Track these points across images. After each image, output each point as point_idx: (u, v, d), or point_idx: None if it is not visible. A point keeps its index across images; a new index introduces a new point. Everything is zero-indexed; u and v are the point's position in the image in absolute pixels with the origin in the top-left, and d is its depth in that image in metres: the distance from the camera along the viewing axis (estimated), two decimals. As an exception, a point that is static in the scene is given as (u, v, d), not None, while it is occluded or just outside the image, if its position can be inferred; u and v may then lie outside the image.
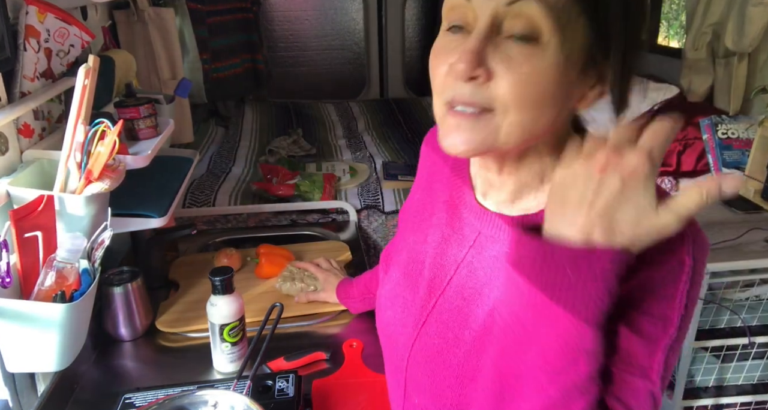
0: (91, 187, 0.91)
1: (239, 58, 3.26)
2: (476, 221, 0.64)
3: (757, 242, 1.59)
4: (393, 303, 0.72)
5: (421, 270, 0.70)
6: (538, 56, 0.49)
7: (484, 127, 0.51)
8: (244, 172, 2.27)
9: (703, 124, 2.07)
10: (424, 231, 0.72)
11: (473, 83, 0.50)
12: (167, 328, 1.23)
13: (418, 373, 0.67)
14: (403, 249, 0.75)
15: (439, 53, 0.54)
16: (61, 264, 0.85)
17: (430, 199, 0.73)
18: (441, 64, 0.53)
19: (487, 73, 0.49)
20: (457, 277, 0.65)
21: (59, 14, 1.04)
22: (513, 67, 0.49)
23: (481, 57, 0.49)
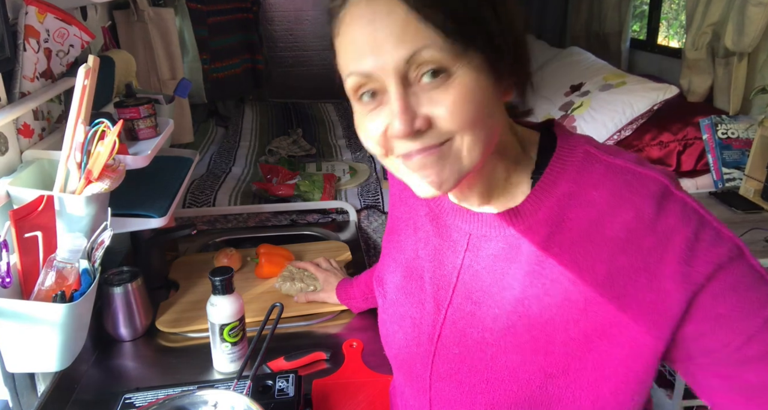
0: (91, 187, 0.91)
1: (239, 58, 3.26)
2: (463, 224, 0.66)
3: (757, 242, 1.59)
4: (401, 326, 0.72)
5: (422, 286, 0.70)
6: (455, 84, 0.52)
7: (446, 156, 0.54)
8: (244, 172, 2.27)
9: (703, 124, 2.07)
10: (413, 247, 0.72)
11: (419, 134, 0.53)
12: (167, 328, 1.23)
13: (445, 387, 0.67)
14: (396, 270, 0.75)
15: (365, 124, 0.56)
16: (61, 264, 0.85)
17: (409, 216, 0.74)
18: (372, 131, 0.55)
19: (425, 120, 0.52)
20: (461, 283, 0.66)
21: (59, 14, 1.04)
22: (442, 103, 0.52)
23: (412, 111, 0.52)
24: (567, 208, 0.59)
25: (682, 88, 2.26)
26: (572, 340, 0.58)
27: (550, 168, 0.60)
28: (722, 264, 0.52)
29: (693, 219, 0.53)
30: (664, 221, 0.54)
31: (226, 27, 3.14)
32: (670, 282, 0.53)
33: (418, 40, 0.50)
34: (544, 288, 0.59)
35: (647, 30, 2.85)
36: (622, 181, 0.56)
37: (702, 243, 0.53)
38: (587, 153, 0.60)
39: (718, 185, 2.04)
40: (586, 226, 0.57)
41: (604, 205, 0.57)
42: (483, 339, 0.63)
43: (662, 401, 1.68)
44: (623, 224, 0.55)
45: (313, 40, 3.73)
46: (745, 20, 1.91)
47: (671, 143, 2.07)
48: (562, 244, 0.59)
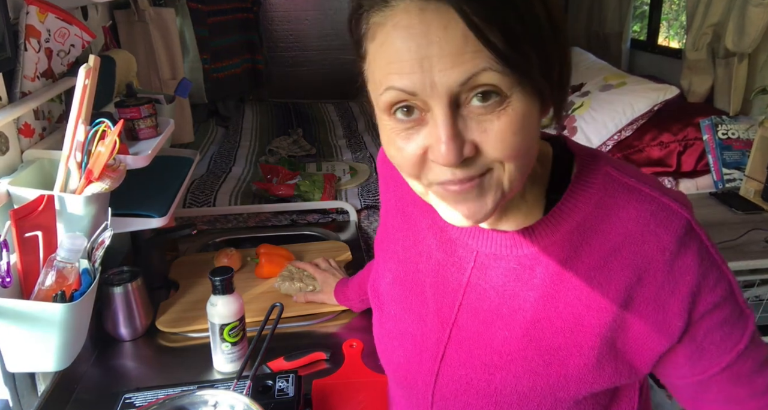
0: (91, 186, 0.91)
1: (239, 58, 3.26)
2: (471, 240, 0.63)
3: (757, 242, 1.59)
4: (401, 342, 0.69)
5: (424, 302, 0.67)
6: (508, 110, 0.47)
7: (488, 187, 0.50)
8: (244, 172, 2.27)
9: (703, 125, 2.07)
10: (412, 261, 0.69)
11: (465, 163, 0.48)
12: (167, 328, 1.23)
13: (449, 407, 0.65)
14: (394, 282, 0.71)
15: (398, 142, 0.50)
16: (62, 264, 0.85)
17: (408, 226, 0.70)
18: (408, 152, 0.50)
19: (472, 146, 0.48)
20: (466, 302, 0.63)
21: (60, 14, 1.04)
22: (492, 130, 0.47)
23: (461, 138, 0.47)
24: (587, 234, 0.57)
25: (682, 89, 2.26)
26: (585, 365, 0.58)
27: (570, 190, 0.58)
28: (717, 304, 0.56)
29: (706, 261, 0.55)
30: (683, 259, 0.55)
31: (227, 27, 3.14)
32: (674, 315, 0.56)
33: (478, 62, 0.44)
34: (558, 311, 0.58)
35: (648, 30, 2.85)
36: (648, 212, 0.56)
37: (708, 282, 0.56)
38: (608, 175, 0.58)
39: (718, 186, 2.04)
40: (606, 253, 0.57)
41: (627, 233, 0.56)
42: (491, 362, 0.61)
43: (663, 401, 1.68)
44: (645, 255, 0.56)
45: (314, 40, 3.73)
46: (745, 21, 1.91)
47: (671, 144, 2.07)
48: (579, 269, 0.58)
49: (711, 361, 0.58)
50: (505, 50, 0.44)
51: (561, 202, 0.58)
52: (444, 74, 0.45)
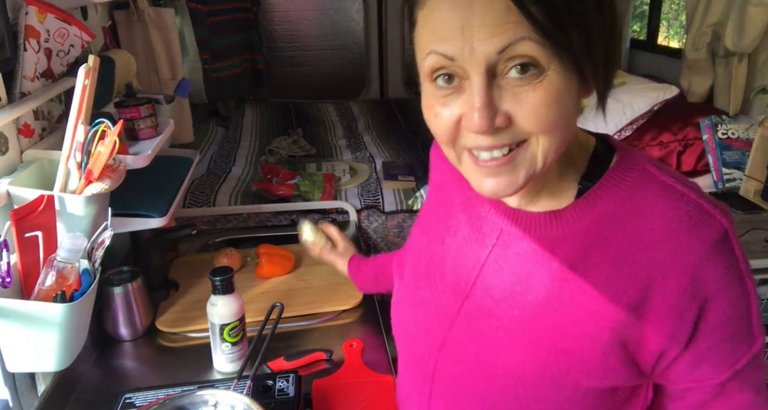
0: (91, 187, 0.91)
1: (239, 58, 3.26)
2: (497, 218, 0.63)
3: (757, 242, 1.59)
4: (414, 311, 0.71)
5: (441, 273, 0.68)
6: (543, 83, 0.49)
7: (522, 160, 0.52)
8: (244, 172, 2.27)
9: (703, 125, 2.07)
10: (440, 234, 0.70)
11: (497, 132, 0.50)
12: (167, 328, 1.23)
13: (448, 377, 0.66)
14: (419, 255, 0.73)
15: (436, 108, 0.53)
16: (62, 264, 0.85)
17: (444, 203, 0.73)
18: (444, 118, 0.52)
19: (505, 117, 0.49)
20: (482, 278, 0.64)
21: (59, 14, 1.04)
22: (526, 101, 0.49)
23: (494, 106, 0.49)
24: (613, 225, 0.57)
25: (682, 89, 2.26)
26: (591, 357, 0.57)
27: (604, 179, 0.58)
28: (731, 318, 0.54)
29: (733, 274, 0.54)
30: (710, 267, 0.53)
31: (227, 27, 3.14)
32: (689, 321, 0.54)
33: (517, 31, 0.46)
34: (571, 297, 0.58)
35: (647, 30, 2.85)
36: (684, 211, 0.54)
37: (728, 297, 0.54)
38: (645, 171, 0.57)
39: (718, 185, 2.04)
40: (631, 247, 0.55)
41: (656, 229, 0.55)
42: (497, 338, 0.61)
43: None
44: (672, 255, 0.54)
45: (314, 40, 3.73)
46: (745, 20, 1.91)
47: (671, 143, 2.07)
48: (599, 259, 0.57)
49: (706, 376, 0.56)
50: (546, 22, 0.46)
51: (593, 189, 0.58)
52: (483, 42, 0.47)
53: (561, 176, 0.60)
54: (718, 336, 0.55)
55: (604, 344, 0.56)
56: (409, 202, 1.98)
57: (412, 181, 2.14)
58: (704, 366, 0.56)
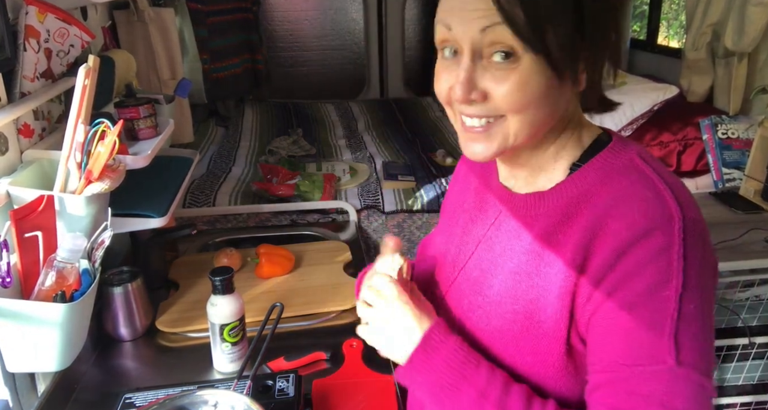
0: (91, 187, 0.91)
1: (239, 58, 3.26)
2: (498, 201, 0.71)
3: (757, 242, 1.59)
4: (426, 280, 0.79)
5: (448, 249, 0.77)
6: (517, 70, 0.56)
7: (495, 133, 0.60)
8: (244, 172, 2.27)
9: (703, 124, 2.07)
10: (456, 217, 0.79)
11: (473, 103, 0.59)
12: (167, 328, 1.23)
13: None
14: (439, 235, 0.83)
15: (440, 75, 0.63)
16: (62, 264, 0.85)
17: (465, 188, 0.81)
18: (442, 84, 0.62)
19: (481, 94, 0.58)
20: (477, 252, 0.72)
21: (59, 14, 1.04)
22: (499, 83, 0.57)
23: (471, 83, 0.58)
24: (585, 204, 0.61)
25: (682, 88, 2.26)
26: (546, 321, 0.62)
27: (589, 164, 0.63)
28: (636, 306, 0.55)
29: (659, 268, 0.54)
30: (637, 248, 0.55)
31: (226, 27, 3.14)
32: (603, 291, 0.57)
33: (495, 18, 0.55)
34: (538, 269, 0.63)
35: (647, 30, 2.85)
36: (641, 196, 0.58)
37: (639, 284, 0.55)
38: (631, 161, 0.62)
39: (718, 185, 2.04)
40: (592, 225, 0.59)
41: (613, 208, 0.59)
42: (476, 302, 0.68)
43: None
44: (616, 228, 0.57)
45: (313, 40, 3.73)
46: (745, 20, 1.91)
47: (671, 143, 2.07)
48: (566, 235, 0.61)
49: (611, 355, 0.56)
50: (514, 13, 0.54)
51: (577, 172, 0.64)
52: (469, 22, 0.56)
53: (556, 159, 0.66)
54: (620, 318, 0.56)
55: (554, 310, 0.61)
56: (409, 202, 1.98)
57: (412, 181, 2.14)
58: (606, 346, 0.57)
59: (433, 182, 2.11)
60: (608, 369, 0.56)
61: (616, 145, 0.64)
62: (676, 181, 0.60)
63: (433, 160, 2.42)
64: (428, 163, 2.37)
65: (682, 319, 0.54)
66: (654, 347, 0.54)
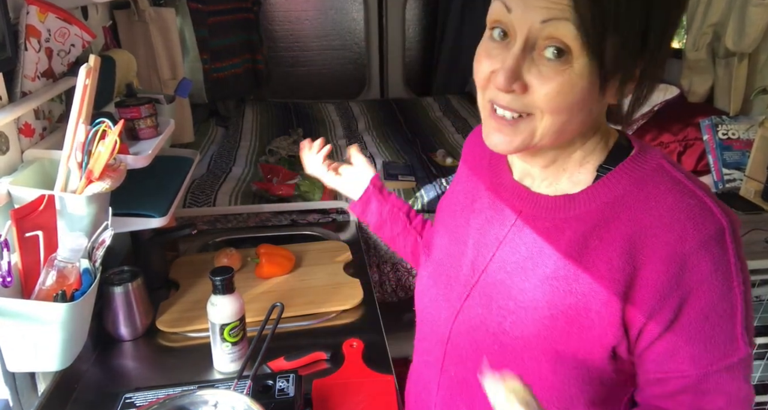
0: (91, 186, 0.91)
1: (239, 58, 3.26)
2: (517, 201, 0.69)
3: (757, 243, 1.59)
4: (436, 282, 0.77)
5: (464, 251, 0.75)
6: (567, 71, 0.54)
7: (522, 129, 0.59)
8: (245, 172, 2.27)
9: (704, 125, 2.07)
10: (466, 216, 0.77)
11: (511, 94, 0.57)
12: (167, 328, 1.23)
13: (461, 344, 0.72)
14: (445, 234, 0.80)
15: (482, 57, 0.60)
16: (62, 264, 0.85)
17: (472, 187, 0.79)
18: (484, 67, 0.59)
19: (522, 86, 0.56)
20: (499, 254, 0.70)
21: (60, 14, 1.04)
22: (545, 81, 0.55)
23: (517, 73, 0.56)
24: (620, 209, 0.61)
25: (682, 89, 2.26)
26: (589, 328, 0.61)
27: (620, 168, 0.63)
28: (709, 317, 0.58)
29: (721, 274, 0.57)
30: (698, 261, 0.57)
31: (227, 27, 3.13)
32: (669, 309, 0.59)
33: (564, 13, 0.52)
34: (576, 274, 0.62)
35: (648, 30, 2.84)
36: (686, 204, 0.58)
37: (710, 294, 0.58)
38: (660, 166, 0.62)
39: (718, 186, 2.04)
40: (634, 231, 0.60)
41: (657, 217, 0.59)
42: (506, 307, 0.67)
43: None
44: (667, 243, 0.58)
45: (314, 40, 3.73)
46: (745, 21, 1.91)
47: (672, 144, 2.07)
48: (604, 240, 0.61)
49: (680, 366, 0.60)
50: (589, 16, 0.52)
51: (607, 175, 0.63)
52: (534, 9, 0.53)
53: (581, 163, 0.65)
54: (695, 330, 0.58)
55: (600, 317, 0.61)
56: (409, 202, 1.98)
57: (412, 181, 2.14)
58: (679, 357, 0.59)
59: (433, 182, 2.11)
60: (694, 372, 0.59)
61: (642, 149, 0.64)
62: (706, 186, 0.62)
63: (434, 160, 2.42)
64: (428, 163, 2.37)
65: (747, 311, 0.59)
66: (732, 343, 0.58)
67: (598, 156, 0.65)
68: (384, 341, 1.18)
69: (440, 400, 0.77)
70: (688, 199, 0.58)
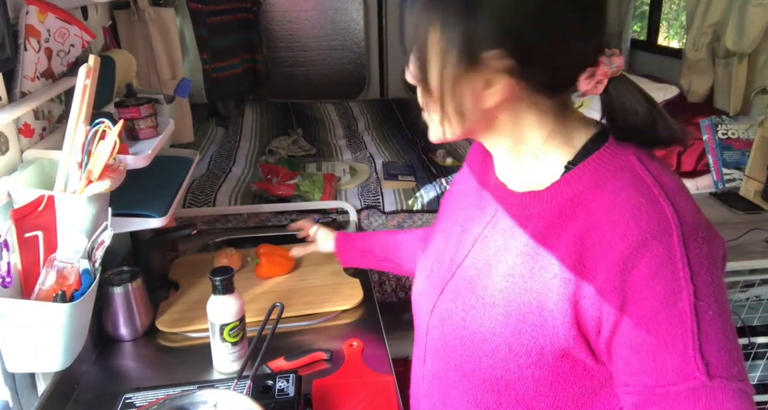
0: (91, 187, 0.91)
1: (239, 58, 3.26)
2: (496, 199, 0.71)
3: (757, 242, 1.60)
4: (421, 277, 0.81)
5: (448, 247, 0.76)
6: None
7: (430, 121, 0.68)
8: (244, 172, 2.27)
9: (703, 125, 2.07)
10: (457, 214, 0.79)
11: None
12: (167, 328, 1.23)
13: (435, 337, 0.74)
14: (439, 232, 0.82)
15: None
16: (62, 264, 0.85)
17: (466, 186, 0.80)
18: None
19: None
20: (474, 251, 0.71)
21: (60, 14, 1.04)
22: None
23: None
24: (577, 206, 0.60)
25: (682, 89, 2.26)
26: (541, 326, 0.60)
27: (585, 164, 0.62)
28: (649, 327, 0.52)
29: (663, 278, 0.52)
30: (638, 261, 0.53)
31: (227, 27, 3.14)
32: (612, 312, 0.55)
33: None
34: (531, 271, 0.62)
35: (648, 30, 2.85)
36: (634, 202, 0.55)
37: (649, 300, 0.52)
38: (627, 162, 0.60)
39: (718, 186, 2.04)
40: (585, 229, 0.58)
41: (611, 214, 0.56)
42: (469, 302, 0.68)
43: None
44: (612, 239, 0.55)
45: (313, 40, 3.73)
46: (745, 21, 1.91)
47: (671, 143, 2.07)
48: (560, 238, 0.60)
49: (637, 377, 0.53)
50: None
51: (571, 171, 0.62)
52: None
53: (550, 158, 0.64)
54: (636, 340, 0.53)
55: (552, 317, 0.59)
56: (409, 202, 1.98)
57: (412, 181, 2.14)
58: (630, 368, 0.54)
59: (433, 182, 2.11)
60: (641, 391, 0.53)
61: (613, 145, 0.62)
62: (674, 183, 0.58)
63: (433, 160, 2.42)
64: (428, 163, 2.37)
65: (702, 330, 0.50)
66: (681, 364, 0.50)
67: (569, 150, 0.63)
68: (384, 341, 1.18)
69: (424, 393, 0.79)
70: (639, 197, 0.55)
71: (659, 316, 0.52)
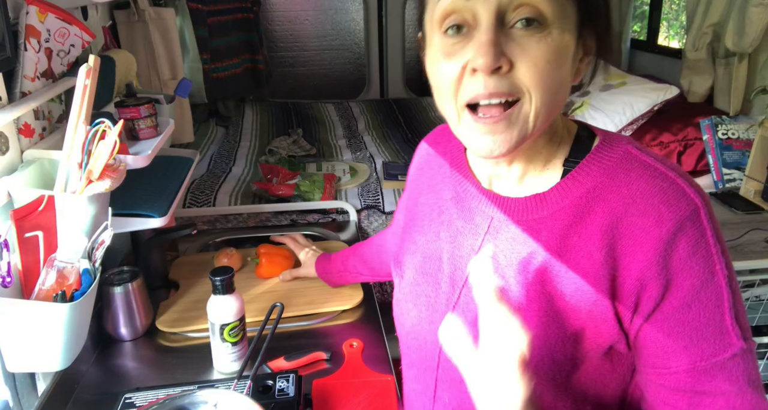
0: (91, 186, 0.91)
1: (239, 58, 3.26)
2: (487, 208, 0.66)
3: (757, 242, 1.59)
4: (416, 304, 0.73)
5: (439, 267, 0.70)
6: (547, 39, 0.52)
7: (515, 119, 0.54)
8: (244, 172, 2.27)
9: (704, 125, 2.07)
10: (434, 230, 0.73)
11: (496, 75, 0.52)
12: (167, 328, 1.23)
13: (451, 368, 0.66)
14: (416, 252, 0.75)
15: (442, 58, 0.55)
16: (62, 264, 0.85)
17: (435, 199, 0.74)
18: (450, 67, 0.54)
19: (508, 62, 0.52)
20: None
21: (60, 14, 1.04)
22: (529, 53, 0.52)
23: (499, 47, 0.51)
24: (594, 201, 0.59)
25: (682, 89, 2.26)
26: (578, 330, 0.59)
27: (586, 160, 0.61)
28: (692, 306, 0.55)
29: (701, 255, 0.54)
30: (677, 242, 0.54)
31: (227, 27, 3.14)
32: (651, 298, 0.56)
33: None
34: (558, 275, 0.60)
35: (648, 30, 2.85)
36: (658, 187, 0.56)
37: (691, 279, 0.55)
38: (627, 152, 0.60)
39: (718, 186, 2.04)
40: (610, 222, 0.57)
41: (631, 204, 0.56)
42: None
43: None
44: (643, 228, 0.55)
45: (313, 40, 3.73)
46: (745, 21, 1.91)
47: (671, 143, 2.07)
48: (583, 236, 0.59)
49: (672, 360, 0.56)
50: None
51: (575, 170, 0.61)
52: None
53: (548, 159, 0.63)
54: (678, 322, 0.55)
55: (591, 318, 0.58)
56: (409, 202, 1.98)
57: (412, 181, 2.14)
58: (666, 353, 0.56)
59: (433, 182, 2.11)
60: (682, 368, 0.56)
61: (606, 137, 0.62)
62: (676, 165, 0.59)
63: (434, 160, 2.42)
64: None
65: (735, 299, 0.55)
66: (722, 336, 0.55)
67: (563, 151, 0.63)
68: (384, 341, 1.18)
69: None
70: (660, 182, 0.56)
71: (701, 295, 0.55)
